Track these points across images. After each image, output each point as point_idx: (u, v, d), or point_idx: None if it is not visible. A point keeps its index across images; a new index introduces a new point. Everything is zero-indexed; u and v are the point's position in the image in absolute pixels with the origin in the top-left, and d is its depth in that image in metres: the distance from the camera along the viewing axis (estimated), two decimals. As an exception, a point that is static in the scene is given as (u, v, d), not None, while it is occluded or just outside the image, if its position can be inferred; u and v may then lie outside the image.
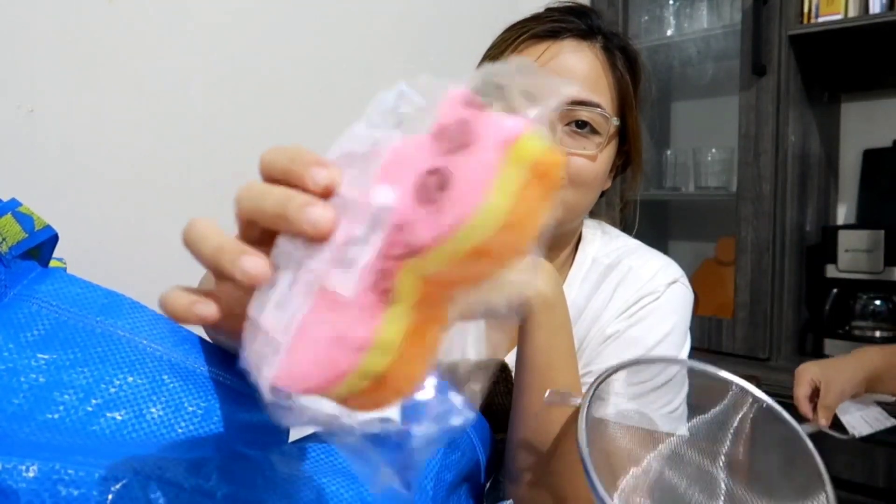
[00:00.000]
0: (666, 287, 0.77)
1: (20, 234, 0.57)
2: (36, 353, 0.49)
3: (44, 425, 0.45)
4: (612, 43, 0.78)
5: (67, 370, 0.49)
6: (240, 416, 0.54)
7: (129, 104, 0.98)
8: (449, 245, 0.28)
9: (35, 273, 0.58)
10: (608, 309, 0.78)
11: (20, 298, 0.54)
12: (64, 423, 0.46)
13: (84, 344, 0.52)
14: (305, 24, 1.21)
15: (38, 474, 0.40)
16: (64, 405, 0.46)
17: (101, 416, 0.48)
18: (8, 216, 0.57)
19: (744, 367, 1.47)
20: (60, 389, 0.47)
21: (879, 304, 1.50)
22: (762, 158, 1.50)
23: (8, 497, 0.39)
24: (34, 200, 0.70)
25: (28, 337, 0.51)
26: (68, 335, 0.52)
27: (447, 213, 0.28)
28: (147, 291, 1.00)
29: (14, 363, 0.48)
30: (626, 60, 0.78)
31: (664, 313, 0.76)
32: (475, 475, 0.67)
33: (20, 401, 0.46)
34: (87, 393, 0.48)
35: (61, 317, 0.54)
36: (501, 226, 0.28)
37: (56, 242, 0.63)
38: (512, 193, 0.28)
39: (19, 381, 0.47)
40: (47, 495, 0.39)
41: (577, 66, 0.75)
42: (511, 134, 0.29)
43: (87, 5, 0.93)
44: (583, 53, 0.75)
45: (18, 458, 0.40)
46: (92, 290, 0.59)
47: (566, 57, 0.75)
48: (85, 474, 0.40)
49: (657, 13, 1.77)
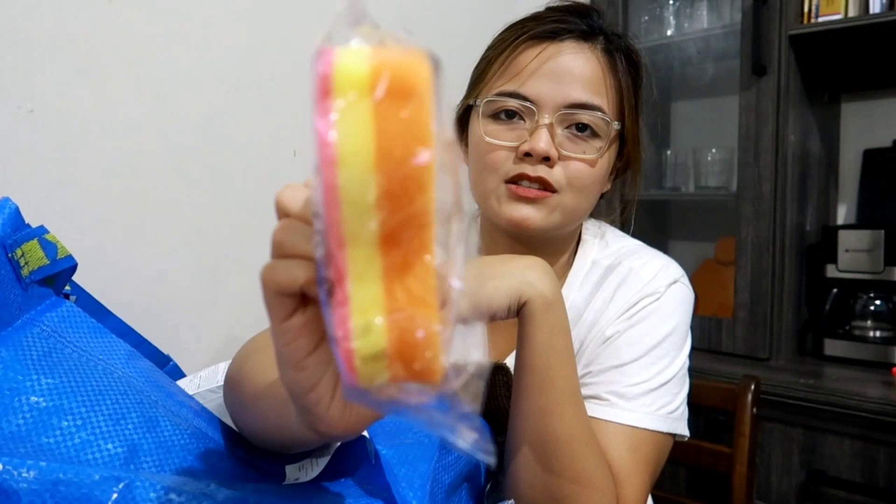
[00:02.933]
0: (666, 288, 0.76)
1: (43, 261, 0.57)
2: (40, 377, 0.49)
3: (40, 448, 0.45)
4: (613, 44, 0.77)
5: (67, 396, 0.49)
6: (224, 466, 0.53)
7: (129, 104, 0.98)
8: (345, 206, 0.26)
9: (49, 301, 0.58)
10: (608, 310, 0.77)
11: (31, 323, 0.54)
12: (59, 448, 0.45)
13: (84, 373, 0.52)
14: (306, 24, 1.21)
15: (39, 475, 0.39)
16: (61, 431, 0.46)
17: (94, 445, 0.47)
18: (34, 241, 0.57)
19: (743, 367, 1.47)
20: (60, 415, 0.47)
21: (879, 304, 1.50)
22: (762, 158, 1.50)
23: (9, 497, 0.38)
24: (34, 200, 0.70)
25: (34, 359, 0.51)
26: (72, 364, 0.52)
27: (321, 181, 0.26)
28: (146, 291, 1.00)
29: (19, 384, 0.48)
30: (628, 62, 0.77)
31: (665, 314, 0.75)
32: (475, 476, 0.67)
33: (20, 422, 0.45)
34: (84, 421, 0.47)
35: (66, 348, 0.54)
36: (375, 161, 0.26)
37: (74, 272, 0.63)
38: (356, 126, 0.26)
39: (21, 403, 0.46)
40: (48, 496, 0.39)
41: (578, 68, 0.73)
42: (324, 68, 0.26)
43: (86, 5, 0.92)
44: (583, 55, 0.74)
45: (20, 459, 0.40)
46: (94, 326, 0.58)
47: (566, 58, 0.74)
48: (86, 475, 0.40)
49: (657, 13, 1.77)
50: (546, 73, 0.73)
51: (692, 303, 0.80)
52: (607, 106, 0.74)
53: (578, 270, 0.82)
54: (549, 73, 0.73)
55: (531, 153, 0.71)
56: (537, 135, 0.71)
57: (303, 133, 1.39)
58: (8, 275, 0.53)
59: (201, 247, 1.08)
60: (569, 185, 0.74)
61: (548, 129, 0.72)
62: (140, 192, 1.00)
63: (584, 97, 0.73)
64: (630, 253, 0.81)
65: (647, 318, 0.75)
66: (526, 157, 0.72)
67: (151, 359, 0.69)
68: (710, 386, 1.16)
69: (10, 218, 0.55)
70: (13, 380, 0.48)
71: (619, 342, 0.75)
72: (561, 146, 0.73)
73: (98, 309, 0.76)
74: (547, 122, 0.72)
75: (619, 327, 0.76)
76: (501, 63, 0.76)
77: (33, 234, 0.57)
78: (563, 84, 0.72)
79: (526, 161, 0.72)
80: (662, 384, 0.73)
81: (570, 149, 0.73)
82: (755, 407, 1.10)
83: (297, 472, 0.55)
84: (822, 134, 1.65)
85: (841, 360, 1.51)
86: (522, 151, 0.72)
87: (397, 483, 0.52)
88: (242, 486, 0.46)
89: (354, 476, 0.54)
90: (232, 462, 0.52)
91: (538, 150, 0.71)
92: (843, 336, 1.53)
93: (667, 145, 1.94)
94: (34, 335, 0.53)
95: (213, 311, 1.11)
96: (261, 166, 1.15)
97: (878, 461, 1.24)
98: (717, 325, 1.60)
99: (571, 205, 0.75)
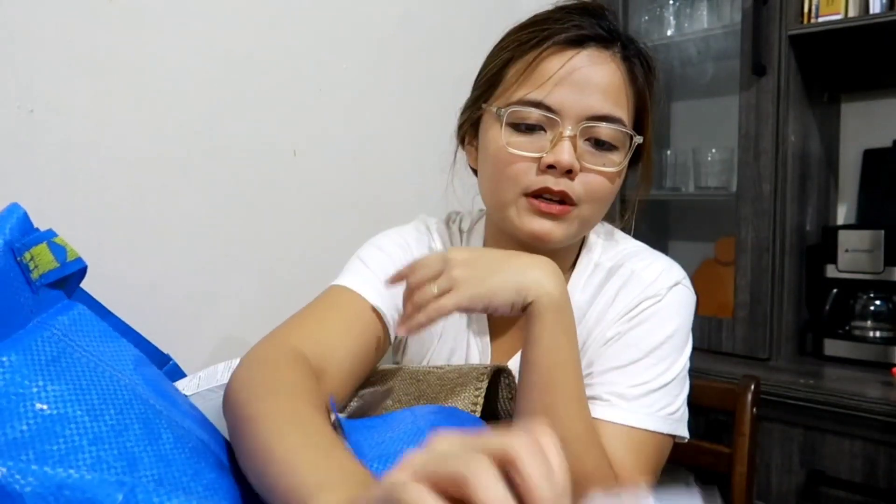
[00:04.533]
0: (668, 290, 0.77)
1: (52, 264, 0.58)
2: (47, 383, 0.49)
3: (41, 455, 0.44)
4: (629, 50, 0.76)
5: (72, 404, 0.49)
6: (223, 482, 0.53)
7: (129, 104, 0.98)
8: None
9: (61, 304, 0.58)
10: (610, 312, 0.78)
11: (42, 327, 0.54)
12: (61, 457, 0.45)
13: (91, 380, 0.52)
14: (306, 25, 1.21)
15: (43, 478, 0.39)
16: (64, 439, 0.46)
17: (94, 456, 0.47)
18: (43, 245, 0.57)
19: (743, 367, 1.46)
20: (63, 423, 0.47)
21: (879, 304, 1.50)
22: (762, 158, 1.50)
23: (13, 500, 0.38)
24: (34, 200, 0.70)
25: (42, 364, 0.51)
26: (79, 370, 0.52)
27: None
28: (147, 291, 1.00)
29: (25, 389, 0.48)
30: (644, 68, 0.77)
31: (666, 316, 0.76)
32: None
33: (24, 428, 0.45)
34: (86, 430, 0.47)
35: (75, 352, 0.54)
36: None
37: (84, 274, 0.63)
38: None
39: (26, 408, 0.46)
40: (52, 499, 0.39)
41: (600, 79, 0.72)
42: None
43: (87, 5, 0.92)
44: (605, 64, 0.73)
45: (24, 462, 0.40)
46: (106, 330, 0.58)
47: (589, 68, 0.72)
48: (91, 478, 0.40)
49: (657, 13, 1.77)
50: (571, 82, 0.72)
51: (693, 305, 0.80)
52: (627, 117, 0.74)
53: (582, 272, 0.82)
54: (574, 82, 0.72)
55: (555, 165, 0.71)
56: (560, 147, 0.71)
57: (303, 133, 1.40)
58: (17, 278, 0.54)
59: (201, 247, 1.08)
60: (587, 198, 0.74)
61: (570, 140, 0.71)
62: (140, 191, 1.00)
63: (606, 109, 0.72)
64: (632, 255, 0.82)
65: (649, 319, 0.75)
66: (548, 170, 0.71)
67: (151, 358, 0.69)
68: (710, 386, 1.16)
69: (19, 223, 0.56)
70: (20, 384, 0.48)
71: (621, 343, 0.75)
72: (581, 158, 0.72)
73: (97, 309, 0.76)
74: (570, 133, 0.71)
75: (620, 329, 0.76)
76: (525, 67, 0.74)
77: (42, 238, 0.58)
78: (585, 94, 0.71)
79: (548, 173, 0.72)
80: (663, 385, 0.73)
81: (591, 161, 0.73)
82: (755, 407, 1.10)
83: None
84: (822, 134, 1.65)
85: (841, 360, 1.51)
86: (546, 164, 0.71)
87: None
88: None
89: None
90: (230, 480, 0.52)
91: (563, 163, 0.70)
92: (843, 336, 1.53)
93: (667, 145, 1.94)
94: (44, 339, 0.53)
95: (212, 310, 1.11)
96: (261, 166, 1.15)
97: (878, 461, 1.24)
98: (717, 325, 1.60)
99: (588, 216, 0.75)
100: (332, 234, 1.26)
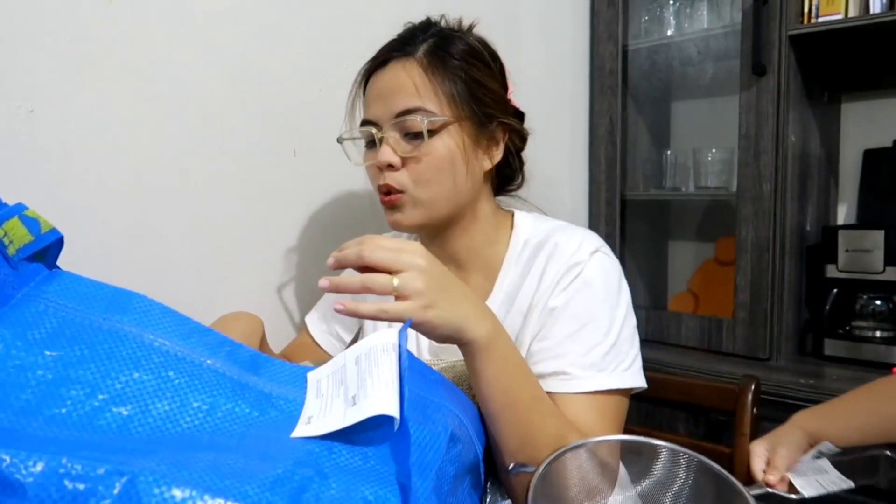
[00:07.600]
0: (590, 255, 0.84)
1: (27, 237, 0.58)
2: (43, 351, 0.50)
3: (51, 420, 0.46)
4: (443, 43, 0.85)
5: (74, 366, 0.50)
6: (241, 409, 0.54)
7: (129, 104, 0.98)
8: None
9: (42, 275, 0.58)
10: (543, 282, 0.85)
11: (28, 299, 0.54)
12: (71, 417, 0.47)
13: (90, 341, 0.53)
14: (306, 25, 1.21)
15: (45, 468, 0.40)
16: (71, 400, 0.47)
17: (107, 411, 0.48)
18: (14, 219, 0.57)
19: (744, 367, 1.47)
20: (67, 385, 0.48)
21: (879, 304, 1.50)
22: (762, 158, 1.51)
23: (15, 490, 0.39)
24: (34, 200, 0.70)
25: (36, 335, 0.51)
26: (75, 332, 0.53)
27: None
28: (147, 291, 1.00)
29: (22, 360, 0.49)
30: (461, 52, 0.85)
31: (594, 279, 0.83)
32: (475, 468, 0.68)
33: (28, 396, 0.46)
34: (93, 388, 0.49)
35: (68, 315, 0.54)
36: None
37: (62, 245, 0.63)
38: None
39: (27, 378, 0.47)
40: (54, 489, 0.40)
41: (399, 82, 0.84)
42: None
43: (86, 5, 0.93)
44: (403, 69, 0.84)
45: (26, 452, 0.41)
46: (99, 288, 0.59)
47: (389, 79, 0.85)
48: (91, 469, 0.41)
49: (657, 13, 1.77)
50: (378, 95, 0.85)
51: (618, 269, 0.87)
52: (433, 101, 0.83)
53: (513, 251, 0.90)
54: (380, 94, 0.85)
55: (379, 166, 0.84)
56: (379, 149, 0.84)
57: (303, 133, 1.40)
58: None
59: (201, 246, 1.09)
60: (414, 182, 0.83)
61: (385, 141, 0.83)
62: (140, 191, 1.00)
63: (404, 104, 0.83)
64: (556, 230, 0.89)
65: (583, 287, 0.82)
66: (381, 171, 0.84)
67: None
68: (710, 386, 1.16)
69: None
70: (16, 357, 0.49)
71: (567, 314, 0.82)
72: (403, 151, 0.83)
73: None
74: (381, 135, 0.84)
75: (557, 301, 0.83)
76: (356, 101, 0.92)
77: (13, 213, 0.58)
78: (389, 100, 0.84)
79: (382, 173, 0.84)
80: (612, 345, 0.80)
81: (408, 151, 0.83)
82: (755, 407, 1.10)
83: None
84: (822, 134, 1.65)
85: (841, 360, 1.51)
86: (375, 167, 0.85)
87: (408, 469, 0.51)
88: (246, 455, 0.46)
89: (373, 446, 0.53)
90: (246, 405, 0.54)
91: (380, 161, 0.83)
92: (844, 336, 1.53)
93: (667, 145, 1.94)
94: (38, 312, 0.53)
95: (212, 310, 1.11)
96: (261, 166, 1.16)
97: (878, 461, 1.24)
98: (717, 325, 1.60)
99: (426, 196, 0.84)
100: (332, 234, 1.26)
